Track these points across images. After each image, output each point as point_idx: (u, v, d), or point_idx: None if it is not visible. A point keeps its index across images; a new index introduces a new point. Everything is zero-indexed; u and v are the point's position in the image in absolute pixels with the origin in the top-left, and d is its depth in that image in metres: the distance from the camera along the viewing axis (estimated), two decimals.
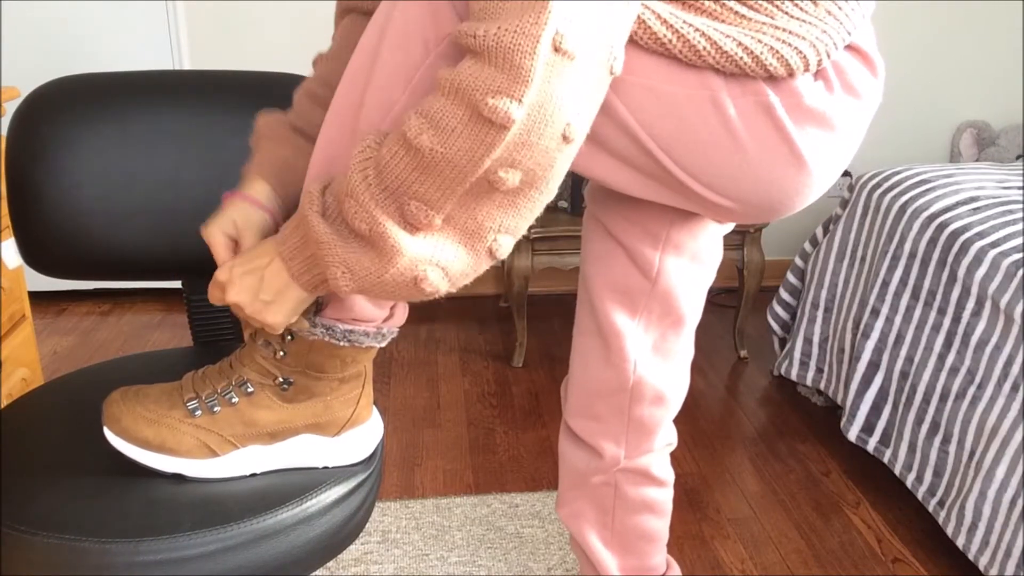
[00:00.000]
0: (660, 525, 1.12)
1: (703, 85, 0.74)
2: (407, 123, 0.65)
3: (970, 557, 1.47)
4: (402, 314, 0.89)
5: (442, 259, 0.71)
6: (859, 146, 0.84)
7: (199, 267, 1.11)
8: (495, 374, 2.32)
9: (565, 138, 0.67)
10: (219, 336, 1.18)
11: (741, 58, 0.73)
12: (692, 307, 1.00)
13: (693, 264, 0.97)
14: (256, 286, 0.76)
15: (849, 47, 0.79)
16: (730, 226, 1.01)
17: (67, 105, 1.05)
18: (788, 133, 0.76)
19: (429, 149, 0.65)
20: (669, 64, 0.74)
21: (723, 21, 0.74)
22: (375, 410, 0.95)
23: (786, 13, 0.75)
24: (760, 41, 0.73)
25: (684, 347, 1.04)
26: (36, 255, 1.08)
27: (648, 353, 1.01)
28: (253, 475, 0.88)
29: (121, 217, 1.06)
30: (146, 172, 1.06)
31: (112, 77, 1.09)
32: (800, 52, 0.74)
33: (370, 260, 0.70)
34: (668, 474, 1.10)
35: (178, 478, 0.85)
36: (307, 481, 0.88)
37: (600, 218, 0.98)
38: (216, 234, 0.84)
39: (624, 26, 0.68)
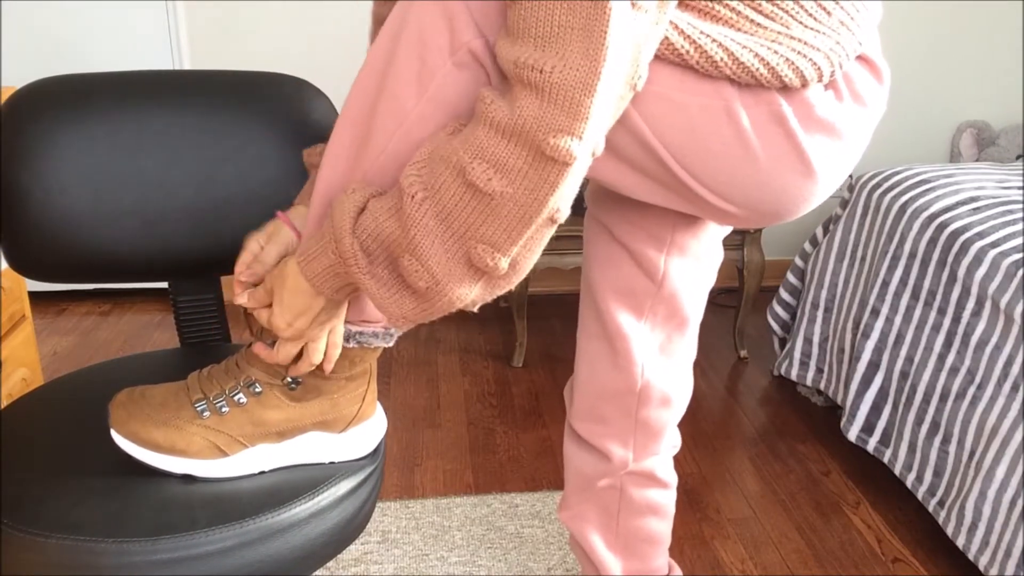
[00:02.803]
0: (663, 527, 1.12)
1: (717, 95, 0.74)
2: (472, 171, 0.64)
3: (970, 557, 1.48)
4: None
5: (487, 296, 0.73)
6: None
7: (186, 269, 1.11)
8: (495, 374, 2.32)
9: (592, 155, 0.68)
10: (207, 337, 1.17)
11: (757, 69, 0.73)
12: (696, 308, 1.01)
13: (697, 265, 0.98)
14: (325, 322, 0.80)
15: (858, 56, 0.80)
16: (729, 227, 1.01)
17: (53, 106, 1.03)
18: (799, 142, 0.76)
19: (500, 192, 0.65)
20: (684, 73, 0.74)
21: (739, 29, 0.74)
22: (379, 405, 0.96)
23: (801, 23, 0.75)
24: (776, 52, 0.73)
25: (688, 348, 1.04)
26: (21, 258, 1.06)
27: (655, 355, 1.01)
28: (262, 472, 0.88)
29: (109, 219, 1.05)
30: (134, 173, 1.05)
31: (98, 77, 1.08)
32: (815, 63, 0.74)
33: (421, 307, 0.71)
34: (672, 477, 1.11)
35: (187, 477, 0.86)
36: (318, 475, 0.89)
37: (603, 221, 0.98)
38: (251, 242, 0.90)
39: (653, 47, 0.68)
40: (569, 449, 1.11)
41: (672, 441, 1.09)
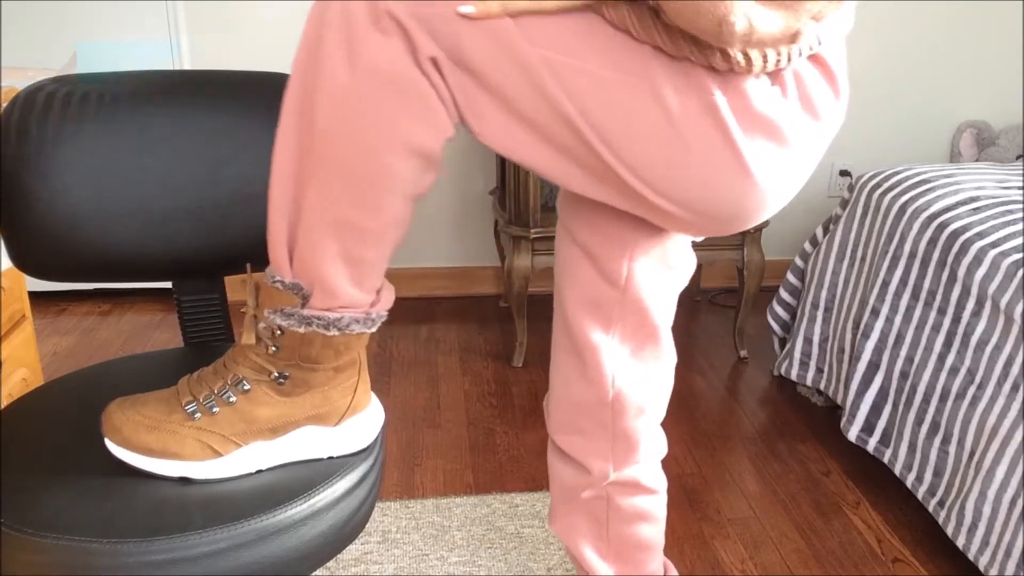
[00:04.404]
0: (654, 532, 1.11)
1: (644, 74, 0.72)
2: None
3: (970, 557, 1.48)
4: (388, 298, 0.89)
5: (755, 15, 0.68)
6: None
7: (190, 268, 1.11)
8: (495, 374, 2.32)
9: None
10: (211, 337, 1.17)
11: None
12: (665, 315, 0.98)
13: (663, 271, 0.95)
14: None
15: (814, 59, 0.77)
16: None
17: (57, 106, 1.04)
18: (732, 137, 0.74)
19: None
20: (610, 47, 0.72)
21: None
22: (374, 396, 0.95)
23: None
24: None
25: (663, 355, 1.01)
26: (26, 258, 1.07)
27: (625, 366, 0.99)
28: (259, 472, 0.88)
29: (113, 219, 1.05)
30: (137, 173, 1.05)
31: (102, 77, 1.08)
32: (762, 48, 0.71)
33: None
34: (659, 482, 1.09)
35: (183, 479, 0.86)
36: (313, 475, 0.89)
37: (568, 227, 0.96)
38: None
39: None
40: (552, 461, 1.09)
41: (655, 448, 1.07)
